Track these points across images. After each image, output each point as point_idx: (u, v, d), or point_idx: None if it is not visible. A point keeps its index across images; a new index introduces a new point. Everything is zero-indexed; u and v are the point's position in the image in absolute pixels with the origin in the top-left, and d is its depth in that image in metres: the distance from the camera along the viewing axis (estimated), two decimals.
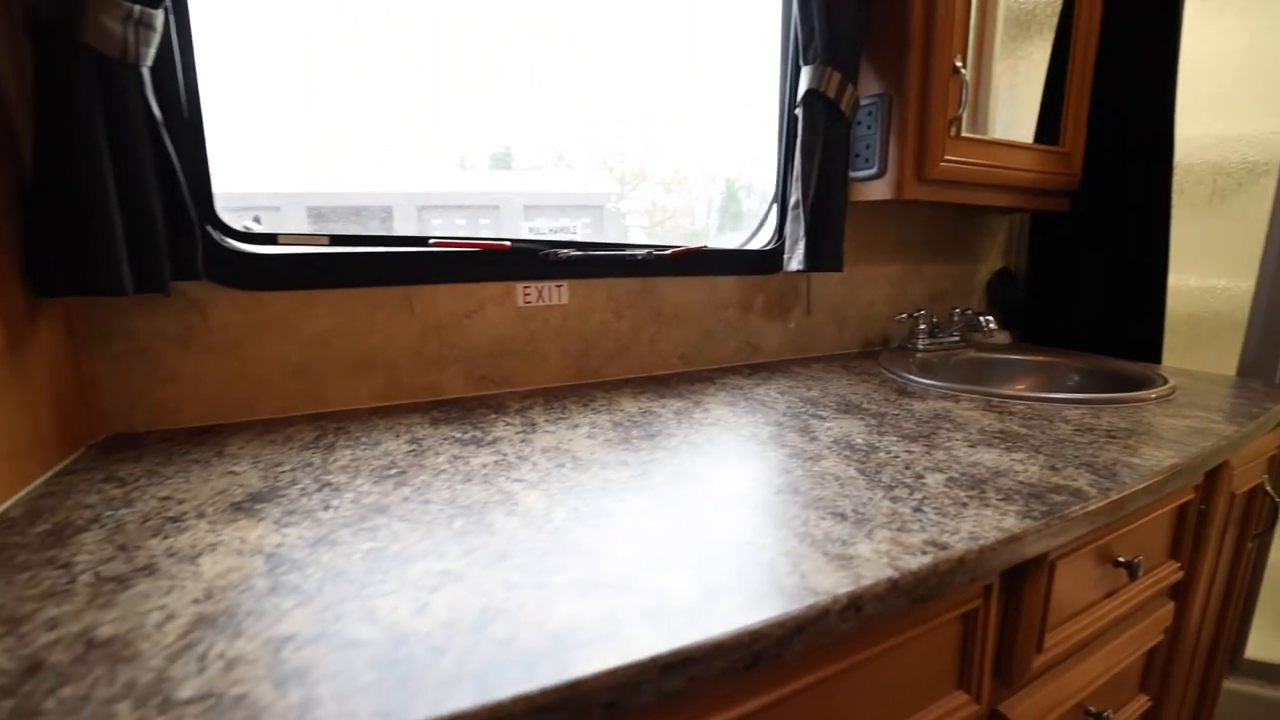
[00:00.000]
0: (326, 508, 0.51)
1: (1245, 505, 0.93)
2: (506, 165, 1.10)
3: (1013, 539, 0.49)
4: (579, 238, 1.05)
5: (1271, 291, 1.10)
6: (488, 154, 1.08)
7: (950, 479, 0.59)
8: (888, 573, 0.42)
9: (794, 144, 1.01)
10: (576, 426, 0.73)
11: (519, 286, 0.86)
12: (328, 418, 0.76)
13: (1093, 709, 0.75)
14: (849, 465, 0.62)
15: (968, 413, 0.81)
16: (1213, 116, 1.19)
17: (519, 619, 0.36)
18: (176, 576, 0.41)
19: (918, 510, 0.52)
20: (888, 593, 0.41)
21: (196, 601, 0.38)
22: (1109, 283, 1.19)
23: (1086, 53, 1.12)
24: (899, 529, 0.49)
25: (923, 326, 1.16)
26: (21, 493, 0.54)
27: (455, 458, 0.63)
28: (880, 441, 0.69)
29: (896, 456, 0.65)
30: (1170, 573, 0.79)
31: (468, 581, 0.40)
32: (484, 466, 0.60)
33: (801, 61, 0.95)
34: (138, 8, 0.55)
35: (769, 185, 1.10)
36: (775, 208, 1.09)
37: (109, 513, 0.50)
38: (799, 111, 0.95)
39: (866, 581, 0.41)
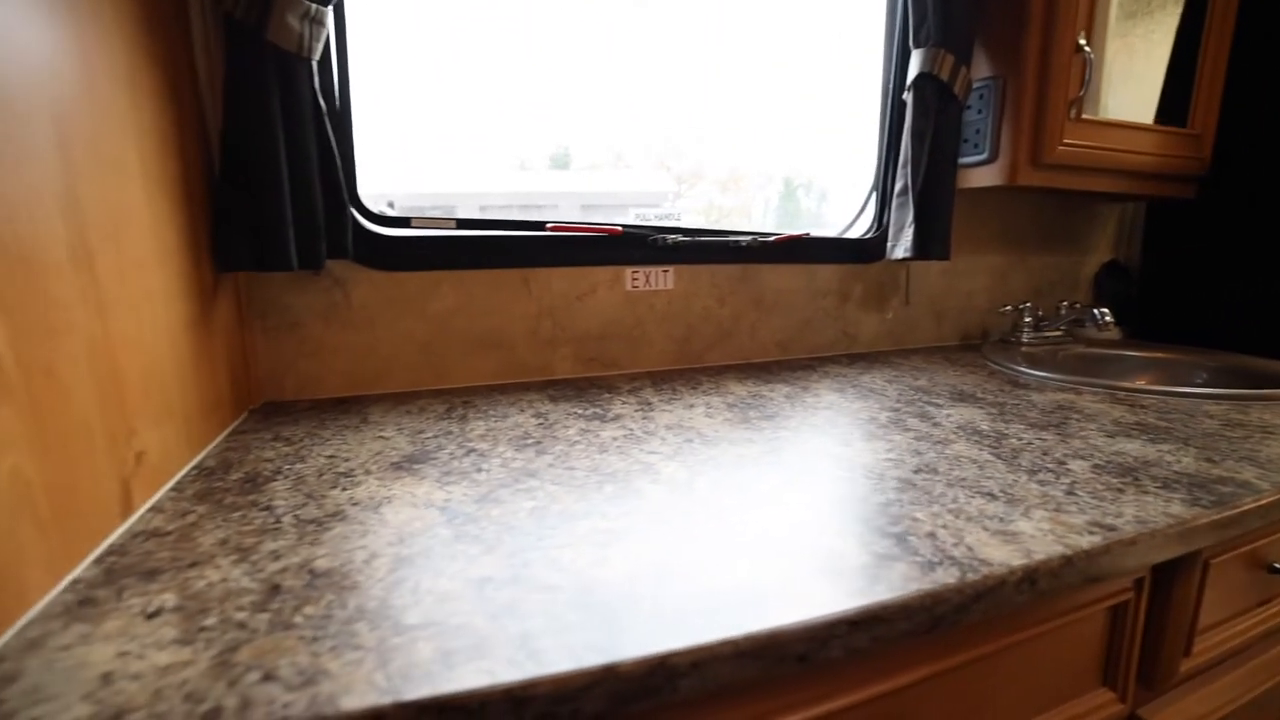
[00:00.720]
0: (479, 470, 0.54)
1: None
2: (565, 165, 1.12)
3: (1186, 526, 0.47)
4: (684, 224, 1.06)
5: None
6: (547, 155, 1.10)
7: (1096, 466, 0.57)
8: (1059, 549, 0.41)
9: (898, 131, 0.99)
10: (692, 406, 0.74)
11: (628, 271, 0.88)
12: (451, 393, 0.80)
13: None
14: (981, 449, 0.61)
15: (1094, 405, 0.77)
16: None
17: (696, 575, 0.38)
18: (365, 523, 0.45)
19: (1070, 494, 0.51)
20: (1062, 568, 0.41)
21: (391, 544, 0.42)
22: (1247, 275, 1.11)
23: (1223, 27, 1.05)
24: (1055, 509, 0.47)
25: (1028, 319, 1.12)
26: (210, 446, 0.59)
27: (584, 431, 0.65)
28: (1007, 429, 0.67)
29: (1030, 443, 0.63)
30: None
31: (634, 539, 0.42)
32: (614, 440, 0.62)
33: (911, 45, 0.93)
34: (314, 6, 0.60)
35: (829, 183, 1.08)
36: (874, 196, 1.08)
37: (287, 466, 0.55)
38: (908, 96, 0.93)
39: (1039, 556, 0.40)
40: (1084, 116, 0.97)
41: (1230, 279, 1.12)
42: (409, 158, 0.99)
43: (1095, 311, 1.06)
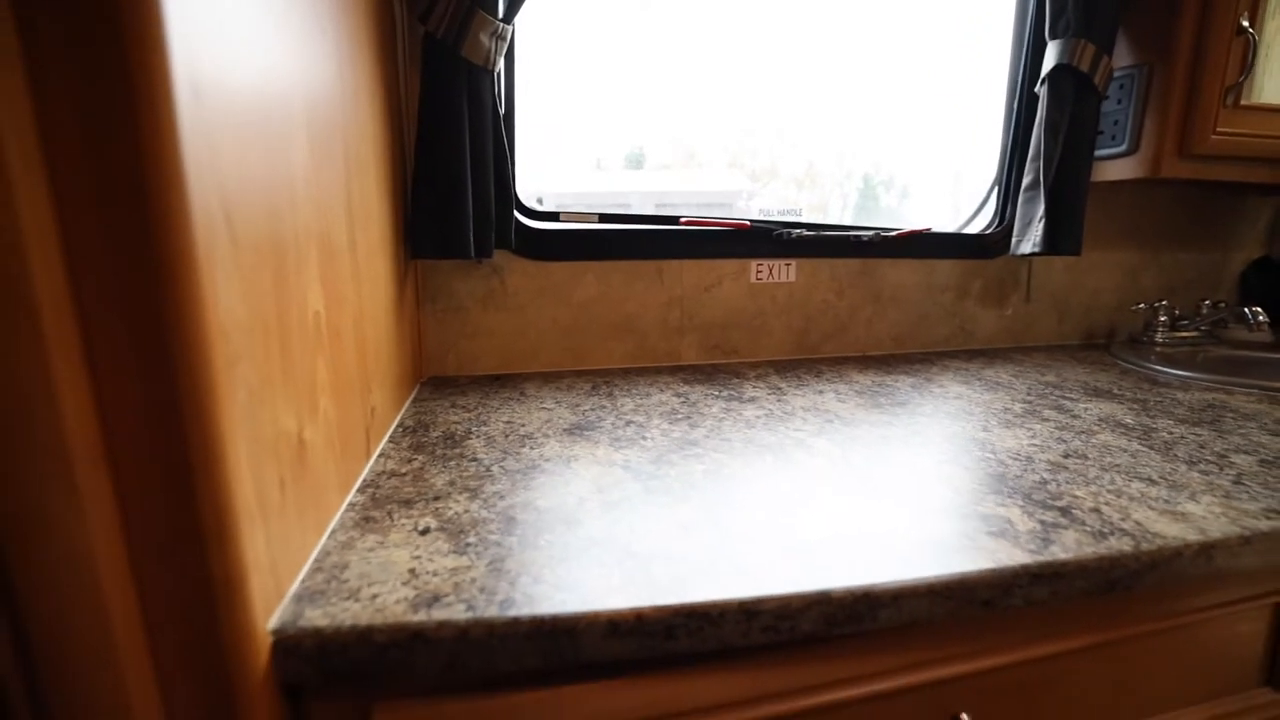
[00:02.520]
0: (642, 439, 0.60)
1: None
2: (639, 165, 1.14)
3: None
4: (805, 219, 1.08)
5: None
6: (622, 154, 1.13)
7: (1263, 461, 0.56)
8: (1236, 530, 0.42)
9: (1026, 125, 0.98)
10: (821, 393, 0.78)
11: (753, 264, 0.93)
12: (591, 374, 0.87)
13: None
14: (1130, 440, 0.61)
15: (1249, 405, 0.74)
16: None
17: (882, 532, 0.42)
18: (563, 475, 0.51)
19: (1237, 483, 0.51)
20: (1239, 546, 0.42)
21: (594, 492, 0.48)
22: None
23: None
24: (1224, 496, 0.48)
25: (1163, 318, 1.07)
26: (404, 409, 0.69)
27: (726, 409, 0.70)
28: (1154, 424, 0.67)
29: (1183, 437, 0.62)
30: None
31: (818, 504, 0.47)
32: (757, 418, 0.67)
33: (1048, 36, 0.91)
34: (501, 24, 0.68)
35: (911, 179, 1.07)
36: (996, 191, 1.06)
37: (475, 429, 0.63)
38: (1042, 89, 0.92)
39: (1215, 534, 0.42)
40: (1245, 103, 0.93)
41: None
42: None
43: (1247, 311, 1.00)
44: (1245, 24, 0.87)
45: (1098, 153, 0.98)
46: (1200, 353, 1.06)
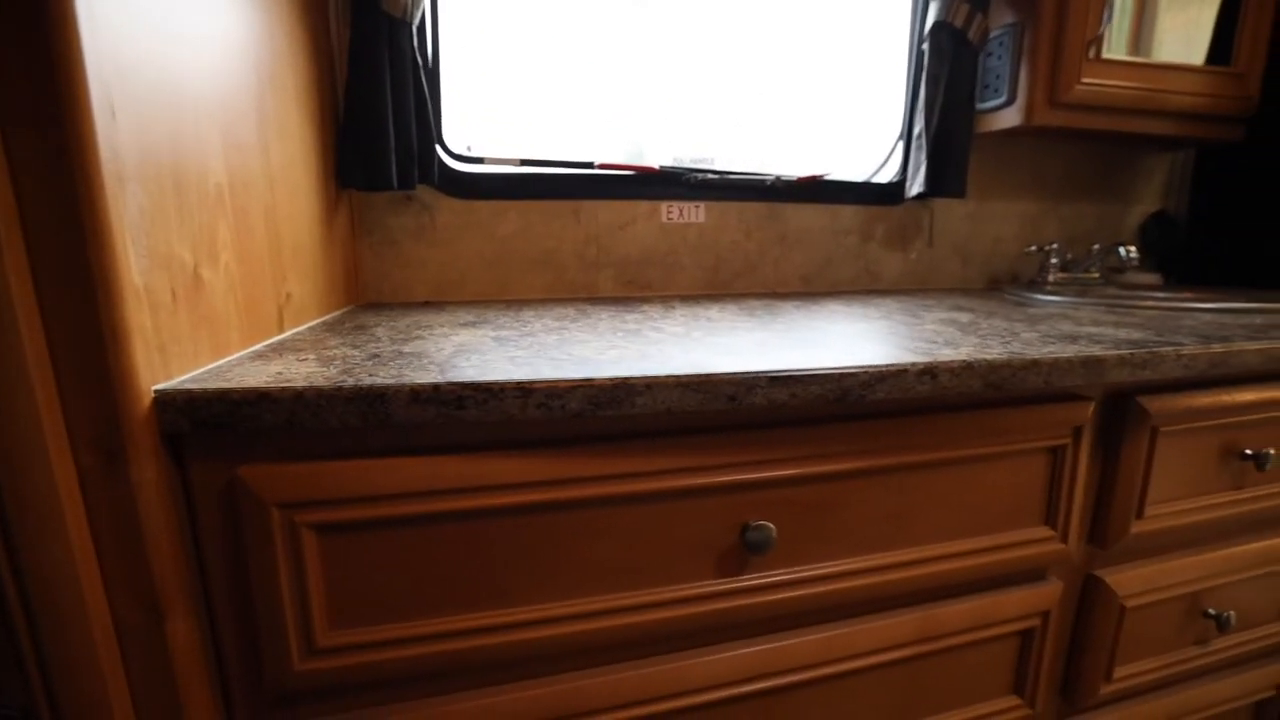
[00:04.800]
0: (524, 326, 0.70)
1: None
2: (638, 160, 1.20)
3: (1091, 359, 0.55)
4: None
5: None
6: (622, 152, 1.21)
7: (1044, 335, 0.65)
8: (962, 357, 0.51)
9: (920, 76, 1.07)
10: (709, 308, 0.87)
11: (664, 205, 1.02)
12: (513, 303, 0.97)
13: (1212, 610, 0.75)
14: (950, 328, 0.70)
15: (1087, 313, 0.83)
16: None
17: (666, 359, 0.51)
18: (437, 339, 0.61)
19: (1005, 343, 0.60)
20: (961, 369, 0.51)
21: (455, 348, 0.58)
22: None
23: None
24: (982, 348, 0.57)
25: (1054, 260, 1.15)
26: (331, 315, 0.79)
27: (614, 316, 0.80)
28: (985, 322, 0.76)
29: (997, 326, 0.71)
30: None
31: (630, 349, 0.56)
32: (635, 319, 0.77)
33: None
34: None
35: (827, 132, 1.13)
36: (901, 144, 1.15)
37: (386, 323, 0.73)
38: (925, 45, 1.02)
39: (943, 359, 0.51)
40: (1108, 56, 1.01)
41: (1276, 222, 1.10)
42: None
43: (1120, 249, 1.09)
44: None
45: (984, 104, 1.08)
46: (1087, 293, 1.14)
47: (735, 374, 0.46)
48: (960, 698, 0.67)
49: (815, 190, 1.09)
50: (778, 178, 1.05)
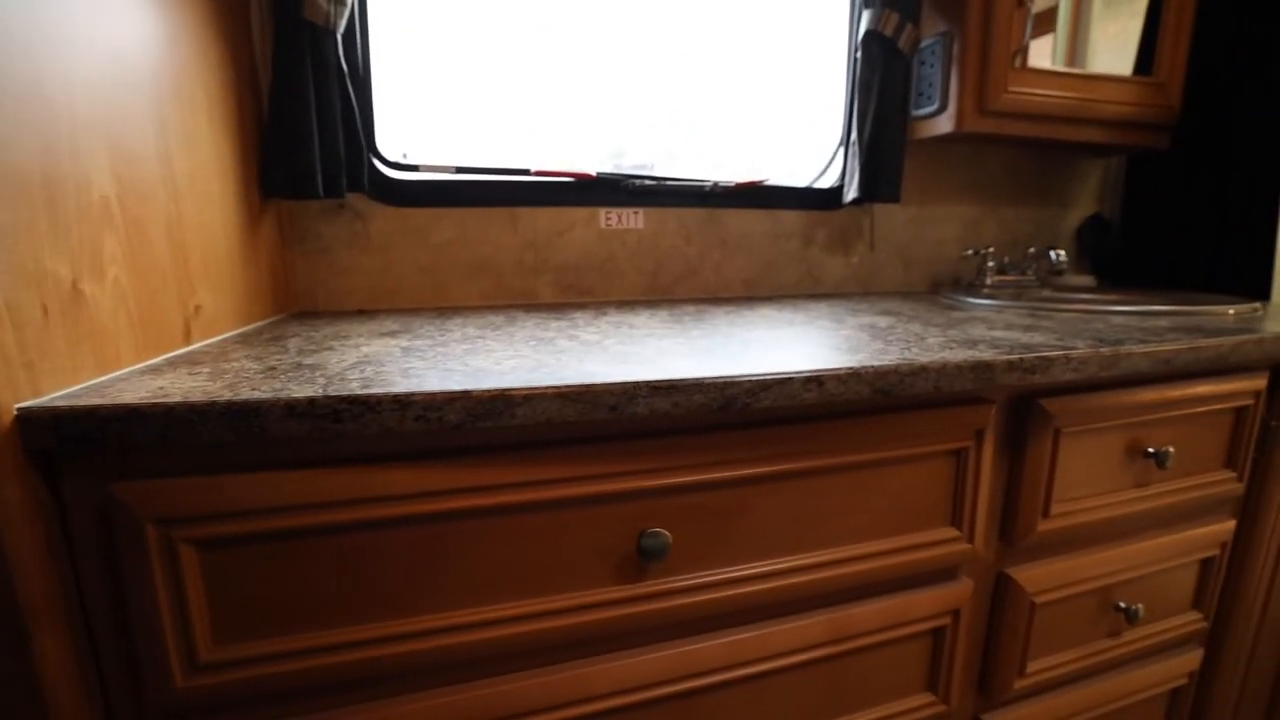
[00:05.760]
0: (442, 334, 0.70)
1: None
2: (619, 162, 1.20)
3: (981, 364, 0.56)
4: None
5: None
6: (605, 153, 1.20)
7: (949, 340, 0.67)
8: (850, 365, 0.53)
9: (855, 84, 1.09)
10: (639, 314, 0.88)
11: (602, 211, 1.03)
12: (447, 311, 0.97)
13: (1123, 604, 0.77)
14: (864, 333, 0.71)
15: (1005, 317, 0.85)
16: None
17: (560, 369, 0.52)
18: (346, 351, 0.61)
19: (905, 350, 0.61)
20: (849, 376, 0.52)
21: (359, 360, 0.58)
22: (1213, 221, 1.13)
23: None
24: (879, 354, 0.58)
25: (991, 264, 1.18)
26: (253, 325, 0.78)
27: (539, 324, 0.80)
28: (904, 325, 0.77)
29: (912, 331, 0.73)
30: (1223, 481, 0.79)
31: (530, 359, 0.57)
32: (560, 326, 0.77)
33: (862, 6, 1.03)
34: None
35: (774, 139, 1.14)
36: (841, 149, 1.17)
37: (305, 333, 0.73)
38: (857, 53, 1.03)
39: (830, 366, 0.52)
40: (1033, 66, 1.04)
41: (1198, 226, 1.14)
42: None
43: (1051, 253, 1.11)
44: None
45: (919, 111, 1.10)
46: (1023, 295, 1.17)
47: (616, 384, 0.47)
48: (875, 696, 0.68)
49: (756, 195, 1.11)
50: (716, 183, 1.06)
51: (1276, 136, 1.04)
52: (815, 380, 0.51)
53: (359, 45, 0.90)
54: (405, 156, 1.00)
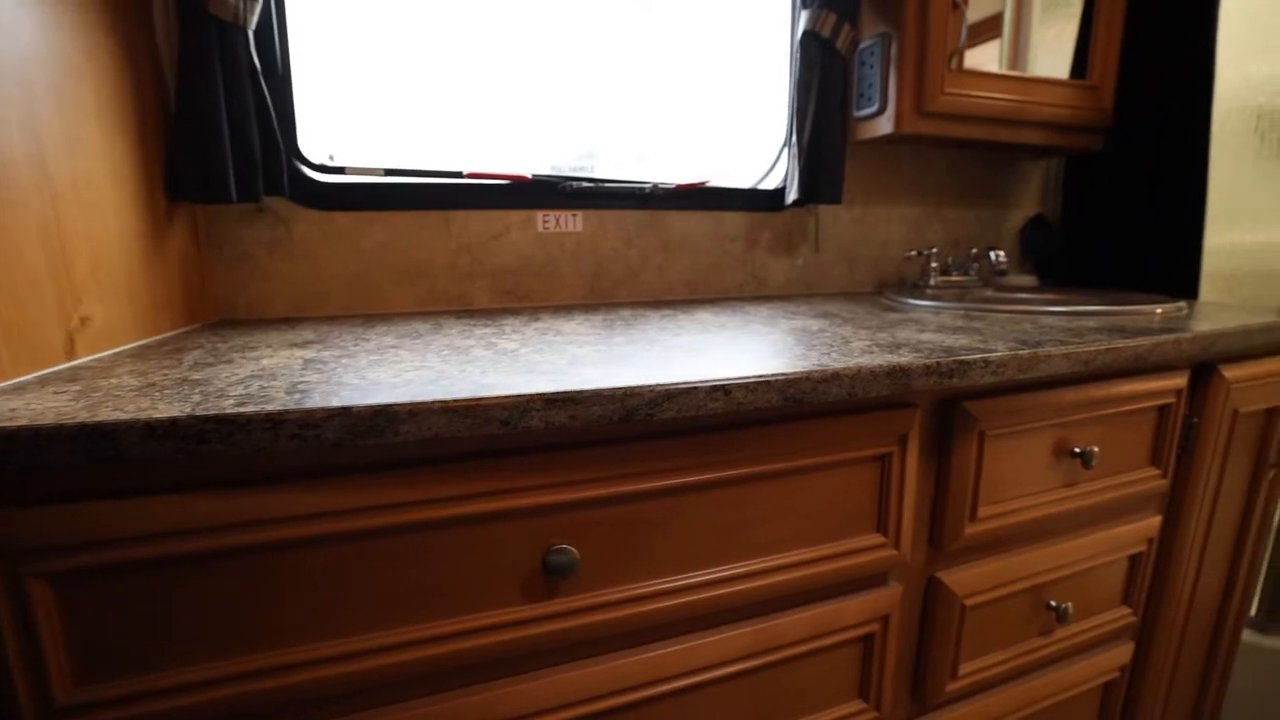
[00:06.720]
0: (355, 345, 0.67)
1: (1261, 431, 0.89)
2: (597, 163, 1.17)
3: (897, 369, 0.56)
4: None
5: None
6: (574, 154, 1.17)
7: (874, 344, 0.66)
8: (758, 373, 0.51)
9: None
10: (572, 319, 0.86)
11: (539, 214, 1.01)
12: (375, 318, 0.93)
13: (1054, 602, 0.78)
14: (792, 338, 0.70)
15: (940, 319, 0.85)
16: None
17: (459, 381, 0.50)
18: (243, 364, 0.58)
19: (825, 355, 0.60)
20: (757, 385, 0.51)
21: (254, 374, 0.55)
22: (1146, 223, 1.15)
23: None
24: (797, 361, 0.57)
25: (934, 264, 1.18)
26: (157, 337, 0.74)
27: (464, 331, 0.77)
28: (835, 329, 0.76)
29: (841, 335, 0.72)
30: (1148, 478, 0.80)
31: (435, 370, 0.54)
32: (483, 335, 0.75)
33: (801, 6, 1.02)
34: None
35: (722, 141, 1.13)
36: (785, 150, 1.17)
37: (209, 345, 0.69)
38: (795, 54, 1.03)
39: (738, 375, 0.50)
40: (969, 68, 1.05)
41: (1131, 227, 1.16)
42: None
43: (991, 254, 1.12)
44: (958, 0, 0.99)
45: (860, 112, 1.10)
46: (965, 295, 1.17)
47: (508, 397, 0.45)
48: (807, 706, 0.67)
49: (698, 197, 1.09)
50: (656, 185, 1.05)
51: (1201, 141, 1.07)
52: (721, 389, 0.50)
53: (277, 43, 0.87)
54: (331, 158, 0.97)
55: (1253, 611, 1.19)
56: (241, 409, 0.41)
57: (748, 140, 1.23)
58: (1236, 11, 1.09)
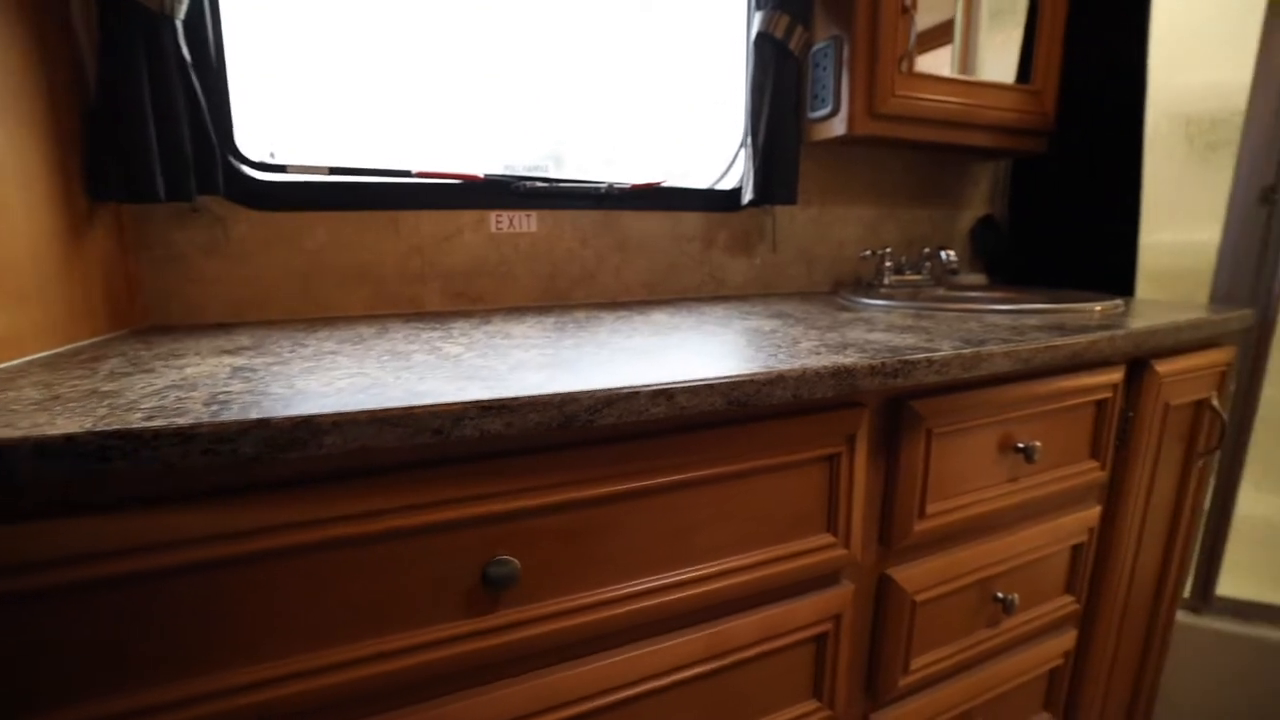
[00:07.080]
0: (291, 351, 0.65)
1: (1190, 422, 0.93)
2: (559, 165, 1.15)
3: (842, 369, 0.56)
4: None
5: (1237, 239, 1.08)
6: (538, 158, 1.14)
7: (823, 344, 0.66)
8: (701, 376, 0.51)
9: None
10: (524, 322, 0.84)
11: (492, 214, 0.99)
12: (319, 322, 0.90)
13: (1001, 594, 0.79)
14: (743, 338, 0.70)
15: (890, 318, 0.86)
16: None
17: (393, 388, 0.48)
18: (165, 373, 0.55)
19: (772, 356, 0.60)
20: (701, 389, 0.50)
21: (174, 383, 0.52)
22: (1085, 222, 1.19)
23: None
24: (745, 363, 0.57)
25: (888, 264, 1.20)
26: (75, 345, 0.70)
27: (411, 336, 0.75)
28: (786, 329, 0.76)
29: (791, 335, 0.72)
30: (1088, 470, 0.82)
31: (370, 377, 0.52)
32: (430, 339, 0.72)
33: (755, 7, 1.02)
34: None
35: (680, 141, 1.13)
36: (742, 151, 1.17)
37: (133, 353, 0.65)
38: (749, 55, 1.03)
39: (681, 379, 0.50)
40: (919, 72, 1.06)
41: (1072, 226, 1.20)
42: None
43: (942, 253, 1.15)
44: (908, 3, 1.01)
45: (814, 113, 1.10)
46: (918, 294, 1.20)
47: (441, 405, 0.43)
48: (761, 708, 0.67)
49: (655, 197, 1.09)
50: (612, 185, 1.04)
51: (1136, 145, 1.11)
52: (664, 394, 0.49)
53: (210, 34, 0.83)
54: (272, 156, 0.93)
55: (1186, 594, 1.24)
56: (149, 423, 0.39)
57: (710, 141, 1.23)
58: (1167, 24, 1.13)
